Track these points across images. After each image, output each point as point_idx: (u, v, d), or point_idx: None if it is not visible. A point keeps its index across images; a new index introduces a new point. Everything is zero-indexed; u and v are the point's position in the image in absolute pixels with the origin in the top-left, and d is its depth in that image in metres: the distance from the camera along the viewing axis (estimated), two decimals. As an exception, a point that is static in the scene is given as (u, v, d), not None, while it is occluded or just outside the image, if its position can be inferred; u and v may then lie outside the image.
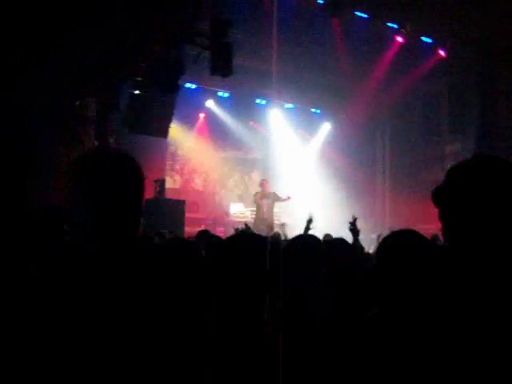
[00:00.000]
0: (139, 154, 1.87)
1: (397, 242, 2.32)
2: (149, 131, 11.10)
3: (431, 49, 13.93)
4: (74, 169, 1.73)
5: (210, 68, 8.02)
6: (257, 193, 12.64)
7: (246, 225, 7.27)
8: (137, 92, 9.97)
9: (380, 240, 2.43)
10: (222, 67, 7.92)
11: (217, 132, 14.98)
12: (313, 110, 16.01)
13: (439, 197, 1.70)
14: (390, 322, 2.07)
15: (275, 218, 12.85)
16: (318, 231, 12.67)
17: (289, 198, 12.51)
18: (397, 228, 2.46)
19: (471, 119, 13.85)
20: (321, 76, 14.18)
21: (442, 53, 13.76)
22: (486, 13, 11.97)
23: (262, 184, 12.59)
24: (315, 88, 14.31)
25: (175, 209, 10.50)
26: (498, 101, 13.43)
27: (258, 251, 2.29)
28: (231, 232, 9.44)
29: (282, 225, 6.98)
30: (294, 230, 13.46)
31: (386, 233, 2.53)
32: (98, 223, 1.71)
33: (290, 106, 15.44)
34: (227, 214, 14.57)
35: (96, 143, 11.30)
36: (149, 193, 10.01)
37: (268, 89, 14.01)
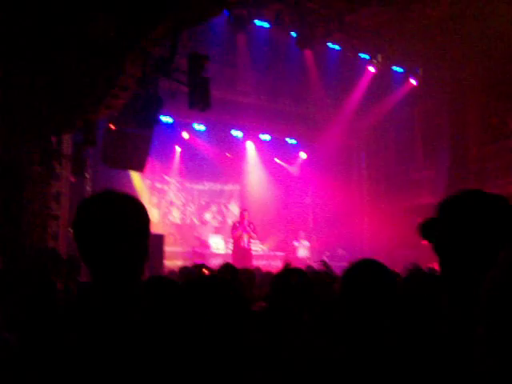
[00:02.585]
0: (116, 189, 1.86)
1: (358, 275, 2.33)
2: (126, 165, 11.05)
3: (403, 77, 14.27)
4: (75, 213, 1.73)
5: (188, 102, 8.05)
6: (236, 223, 12.56)
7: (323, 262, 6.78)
8: (114, 126, 9.94)
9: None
10: (200, 101, 7.96)
11: (193, 164, 14.98)
12: (288, 140, 16.15)
13: (431, 231, 1.73)
14: (355, 362, 2.07)
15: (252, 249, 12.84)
16: (300, 259, 12.76)
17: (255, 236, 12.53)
18: (375, 254, 2.48)
19: (443, 146, 14.13)
20: (296, 106, 14.37)
21: (413, 81, 14.08)
22: (455, 43, 12.31)
23: (242, 214, 12.54)
24: (290, 118, 14.48)
25: (153, 243, 10.33)
26: (467, 128, 13.75)
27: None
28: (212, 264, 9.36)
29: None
30: (275, 261, 13.54)
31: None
32: (96, 268, 1.69)
33: (266, 137, 15.55)
34: (206, 246, 14.48)
35: (73, 179, 11.23)
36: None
37: (244, 120, 14.14)
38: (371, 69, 13.63)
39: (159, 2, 5.72)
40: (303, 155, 16.37)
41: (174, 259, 11.66)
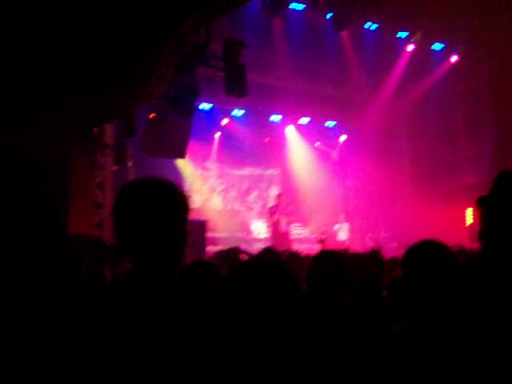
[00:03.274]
0: (155, 175, 1.87)
1: (423, 255, 2.31)
2: (167, 153, 11.21)
3: (443, 54, 13.95)
4: (114, 199, 1.77)
5: (224, 89, 8.10)
6: (272, 207, 12.61)
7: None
8: (153, 115, 10.09)
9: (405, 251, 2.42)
10: (236, 88, 8.00)
11: (233, 150, 15.06)
12: (328, 122, 16.03)
13: (488, 203, 1.75)
14: (416, 338, 2.08)
15: (293, 233, 12.89)
16: (340, 242, 12.76)
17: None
18: (418, 235, 2.47)
19: (487, 124, 13.79)
20: (334, 88, 14.23)
21: (454, 58, 13.75)
22: (498, 16, 11.93)
23: (278, 198, 12.59)
24: (329, 101, 14.35)
25: (195, 229, 10.47)
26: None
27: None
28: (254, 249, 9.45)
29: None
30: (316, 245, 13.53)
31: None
32: (134, 254, 1.73)
33: (306, 120, 15.46)
34: (248, 231, 14.59)
35: (115, 168, 11.47)
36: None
37: (282, 105, 14.10)
38: (410, 47, 13.37)
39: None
40: (343, 137, 16.24)
41: (215, 245, 11.78)
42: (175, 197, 1.77)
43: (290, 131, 15.74)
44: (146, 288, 1.68)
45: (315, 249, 12.18)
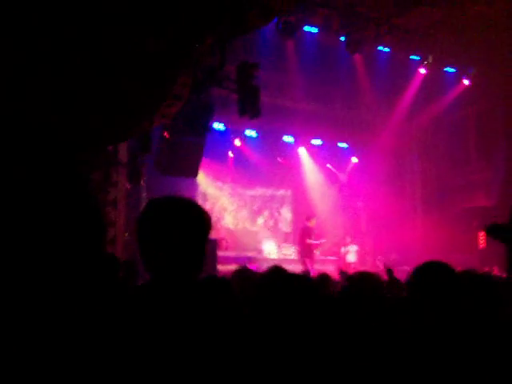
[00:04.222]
0: (170, 195, 1.93)
1: (427, 277, 2.35)
2: (179, 172, 11.31)
3: (455, 78, 14.03)
4: (140, 215, 1.84)
5: (238, 110, 8.22)
6: (305, 228, 12.85)
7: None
8: (167, 135, 10.21)
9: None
10: (249, 109, 8.12)
11: (245, 170, 15.16)
12: (340, 144, 16.13)
13: (502, 232, 1.81)
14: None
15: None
16: (348, 264, 12.74)
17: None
18: (429, 258, 2.51)
19: (499, 147, 13.79)
20: (346, 111, 14.35)
21: (466, 81, 13.82)
22: (510, 40, 12.01)
23: (310, 219, 12.84)
24: (341, 123, 14.46)
25: (207, 248, 10.49)
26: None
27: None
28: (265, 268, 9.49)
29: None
30: (326, 265, 13.55)
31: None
32: (154, 268, 1.79)
33: (318, 142, 15.58)
34: (259, 251, 14.60)
35: (129, 186, 11.59)
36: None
37: (295, 126, 14.22)
38: (422, 70, 13.47)
39: (209, 15, 5.90)
40: (355, 159, 16.31)
41: (226, 264, 11.80)
42: (198, 216, 1.84)
43: (302, 152, 15.84)
44: (164, 300, 1.74)
45: (325, 270, 12.23)
